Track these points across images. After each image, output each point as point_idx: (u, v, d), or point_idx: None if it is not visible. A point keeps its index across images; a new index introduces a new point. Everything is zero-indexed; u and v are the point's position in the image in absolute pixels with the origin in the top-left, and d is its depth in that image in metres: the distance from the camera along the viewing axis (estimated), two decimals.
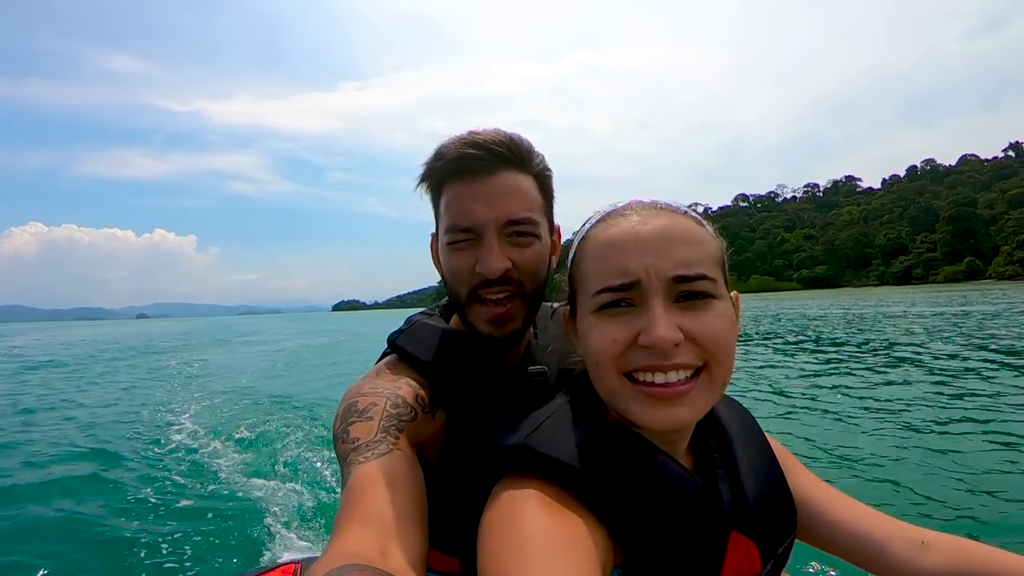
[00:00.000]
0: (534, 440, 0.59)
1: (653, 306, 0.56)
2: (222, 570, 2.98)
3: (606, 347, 0.58)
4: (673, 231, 0.58)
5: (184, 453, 5.37)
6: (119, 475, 4.69)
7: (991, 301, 28.77)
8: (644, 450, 0.60)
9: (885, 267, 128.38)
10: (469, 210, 0.78)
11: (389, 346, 0.88)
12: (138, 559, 3.08)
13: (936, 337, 13.00)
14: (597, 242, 0.62)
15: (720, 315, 0.58)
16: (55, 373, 13.28)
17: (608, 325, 0.58)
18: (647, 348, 0.56)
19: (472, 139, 0.79)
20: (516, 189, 0.80)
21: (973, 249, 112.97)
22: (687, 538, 0.58)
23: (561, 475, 0.57)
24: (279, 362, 15.36)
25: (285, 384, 10.45)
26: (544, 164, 0.85)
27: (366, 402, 0.73)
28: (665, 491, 0.58)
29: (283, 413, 7.15)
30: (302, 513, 3.70)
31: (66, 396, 9.51)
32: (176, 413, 7.60)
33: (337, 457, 0.70)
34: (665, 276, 0.56)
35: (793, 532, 0.69)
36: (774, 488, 0.68)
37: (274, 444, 5.59)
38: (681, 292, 0.57)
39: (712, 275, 0.58)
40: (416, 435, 0.74)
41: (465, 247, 0.80)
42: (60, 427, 6.70)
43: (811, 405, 6.42)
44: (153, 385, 10.95)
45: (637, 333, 0.56)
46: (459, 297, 0.83)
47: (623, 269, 0.57)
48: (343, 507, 0.59)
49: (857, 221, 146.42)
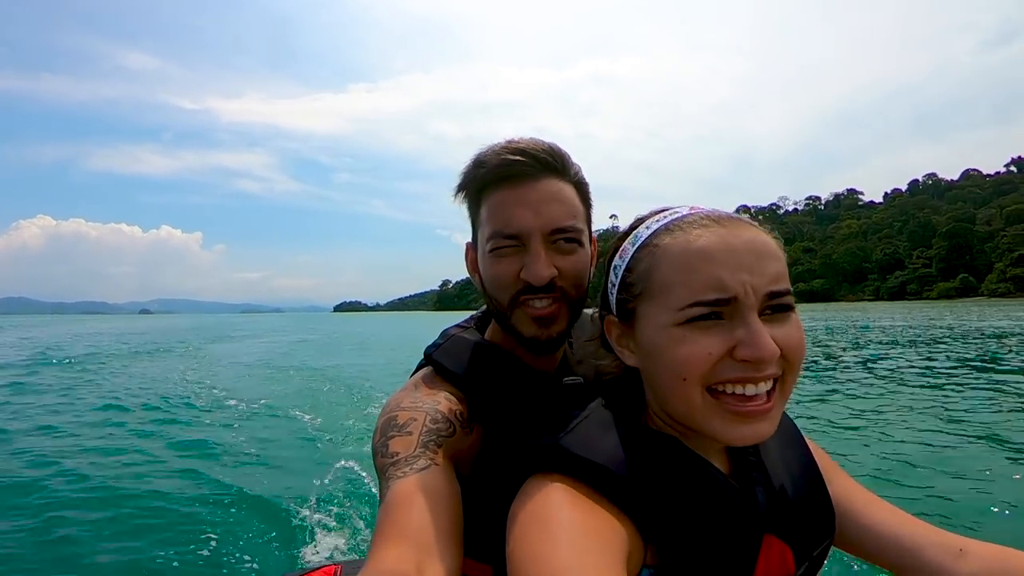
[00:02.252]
0: (567, 441, 0.59)
1: (752, 322, 0.56)
2: (263, 569, 3.13)
3: (700, 360, 0.57)
4: (763, 246, 0.59)
5: (225, 447, 5.67)
6: (159, 468, 4.98)
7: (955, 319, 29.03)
8: (681, 455, 0.61)
9: (881, 282, 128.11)
10: (514, 217, 0.78)
11: (425, 359, 0.89)
12: (174, 553, 3.25)
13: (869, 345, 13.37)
14: (679, 252, 0.59)
15: (798, 325, 0.59)
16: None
17: (701, 338, 0.57)
18: (745, 362, 0.56)
19: (514, 147, 0.80)
20: (560, 196, 0.80)
21: (968, 265, 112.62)
22: (721, 540, 0.58)
23: (593, 475, 0.57)
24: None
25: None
26: (582, 173, 0.85)
27: (406, 416, 0.74)
28: (700, 495, 0.59)
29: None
30: (341, 516, 3.84)
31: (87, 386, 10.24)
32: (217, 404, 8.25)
33: (376, 470, 0.70)
34: (761, 293, 0.57)
35: (831, 536, 0.69)
36: (811, 491, 0.68)
37: (320, 443, 5.88)
38: (770, 306, 0.57)
39: (791, 288, 0.59)
40: (454, 450, 0.74)
41: (509, 253, 0.80)
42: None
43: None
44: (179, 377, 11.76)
45: (731, 347, 0.56)
46: (500, 305, 0.83)
47: (719, 284, 0.56)
48: (381, 522, 0.60)
49: (856, 235, 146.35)
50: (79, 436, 6.24)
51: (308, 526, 3.64)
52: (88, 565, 3.17)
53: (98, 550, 3.31)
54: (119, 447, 5.73)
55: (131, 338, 27.78)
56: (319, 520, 3.72)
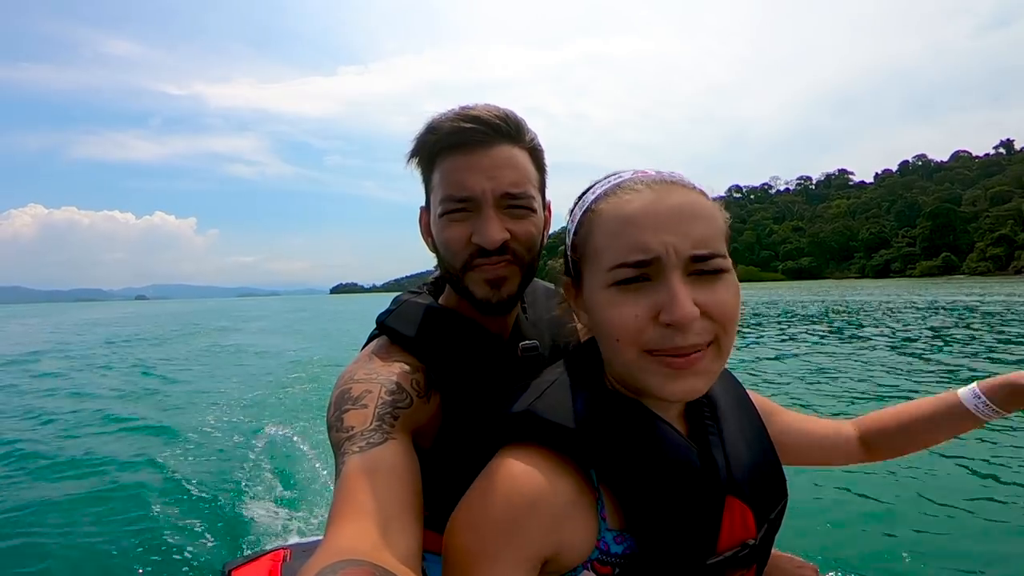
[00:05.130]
0: (537, 407, 0.61)
1: (673, 283, 0.56)
2: (210, 557, 2.96)
3: (628, 322, 0.58)
4: (690, 208, 0.59)
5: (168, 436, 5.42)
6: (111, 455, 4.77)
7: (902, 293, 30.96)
8: (643, 417, 0.63)
9: (866, 260, 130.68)
10: (466, 181, 0.78)
11: (378, 327, 0.87)
12: (117, 550, 3.05)
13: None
14: (611, 216, 0.61)
15: (729, 287, 0.59)
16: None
17: (627, 300, 0.58)
18: (668, 325, 0.56)
19: (467, 113, 0.79)
20: (513, 162, 0.80)
21: (951, 245, 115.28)
22: (686, 502, 0.60)
23: (563, 441, 0.59)
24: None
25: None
26: (537, 140, 0.85)
27: (360, 389, 0.73)
28: (664, 456, 0.61)
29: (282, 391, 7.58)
30: (288, 499, 3.72)
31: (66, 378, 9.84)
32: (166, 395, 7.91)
33: (331, 445, 0.69)
34: (684, 255, 0.57)
35: (784, 499, 0.72)
36: (765, 455, 0.71)
37: (261, 423, 5.70)
38: (698, 269, 0.58)
39: (723, 251, 0.60)
40: (412, 421, 0.73)
41: (461, 218, 0.79)
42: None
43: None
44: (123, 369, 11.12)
45: (657, 310, 0.57)
46: (453, 268, 0.82)
47: (642, 246, 0.57)
48: (337, 499, 0.59)
49: (844, 214, 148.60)
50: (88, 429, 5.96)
51: (255, 510, 3.51)
52: (29, 555, 3.05)
53: (38, 543, 3.17)
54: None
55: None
56: (267, 503, 3.60)
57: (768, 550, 0.69)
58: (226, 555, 2.94)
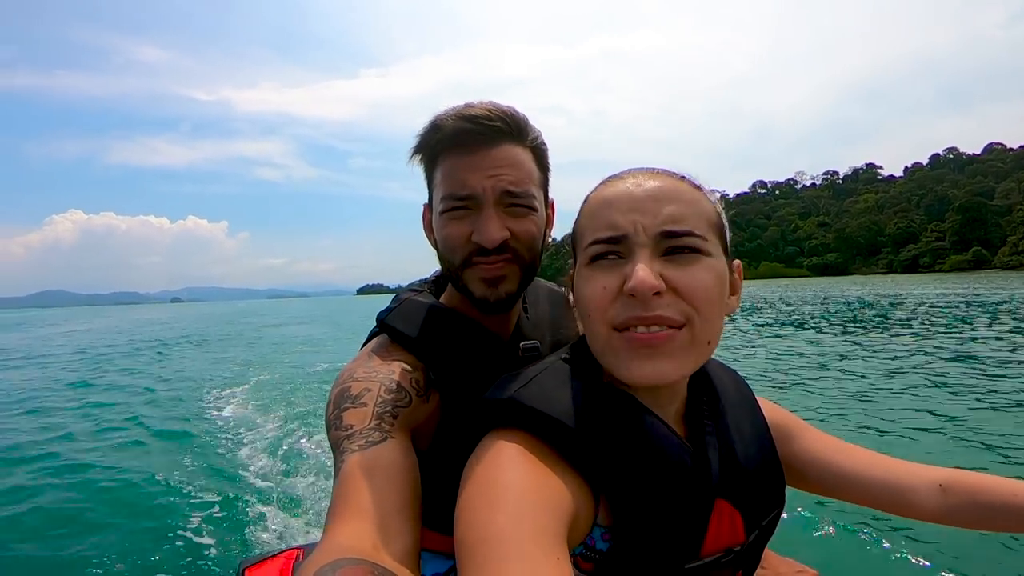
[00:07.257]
0: (523, 395, 0.59)
1: (637, 256, 0.57)
2: (225, 556, 2.96)
3: (597, 295, 0.59)
4: (664, 191, 0.60)
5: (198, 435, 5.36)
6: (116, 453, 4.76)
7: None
8: (635, 411, 0.61)
9: (894, 255, 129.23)
10: (467, 180, 0.78)
11: (378, 325, 0.88)
12: (133, 545, 3.07)
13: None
14: (594, 201, 0.64)
15: (706, 269, 0.58)
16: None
17: (599, 276, 0.60)
18: (631, 297, 0.57)
19: (469, 112, 0.79)
20: (514, 161, 0.80)
21: (982, 239, 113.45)
22: (672, 501, 0.58)
23: (548, 430, 0.57)
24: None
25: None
26: (541, 138, 0.85)
27: (359, 387, 0.73)
28: (653, 453, 0.59)
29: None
30: (301, 500, 3.66)
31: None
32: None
33: (330, 444, 0.69)
34: (653, 231, 0.58)
35: (780, 507, 0.70)
36: (764, 460, 0.69)
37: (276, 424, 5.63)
38: (669, 247, 0.58)
39: (702, 233, 0.59)
40: (411, 420, 0.73)
41: (462, 216, 0.80)
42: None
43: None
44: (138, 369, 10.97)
45: (624, 282, 0.57)
46: (453, 266, 0.82)
47: (612, 223, 0.59)
48: (336, 498, 0.59)
49: (872, 209, 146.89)
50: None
51: (270, 510, 3.50)
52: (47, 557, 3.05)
53: (55, 542, 3.19)
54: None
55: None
56: (282, 504, 3.59)
57: (757, 557, 0.69)
58: (242, 553, 2.98)
